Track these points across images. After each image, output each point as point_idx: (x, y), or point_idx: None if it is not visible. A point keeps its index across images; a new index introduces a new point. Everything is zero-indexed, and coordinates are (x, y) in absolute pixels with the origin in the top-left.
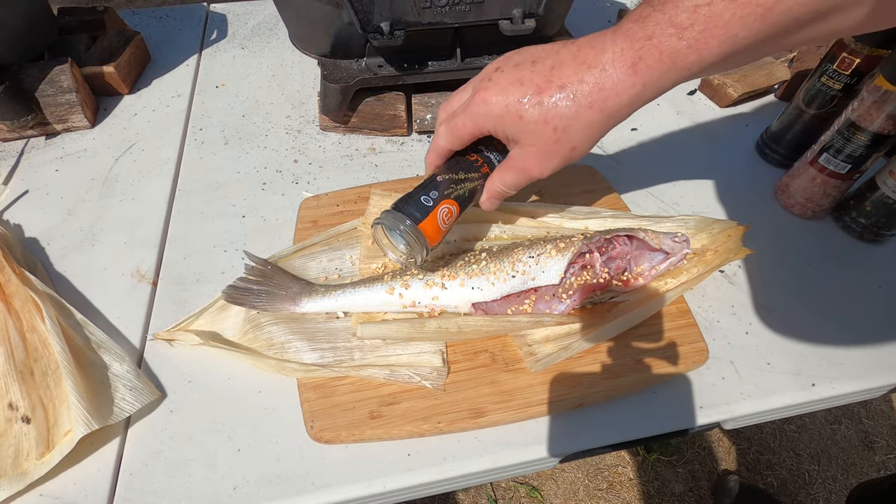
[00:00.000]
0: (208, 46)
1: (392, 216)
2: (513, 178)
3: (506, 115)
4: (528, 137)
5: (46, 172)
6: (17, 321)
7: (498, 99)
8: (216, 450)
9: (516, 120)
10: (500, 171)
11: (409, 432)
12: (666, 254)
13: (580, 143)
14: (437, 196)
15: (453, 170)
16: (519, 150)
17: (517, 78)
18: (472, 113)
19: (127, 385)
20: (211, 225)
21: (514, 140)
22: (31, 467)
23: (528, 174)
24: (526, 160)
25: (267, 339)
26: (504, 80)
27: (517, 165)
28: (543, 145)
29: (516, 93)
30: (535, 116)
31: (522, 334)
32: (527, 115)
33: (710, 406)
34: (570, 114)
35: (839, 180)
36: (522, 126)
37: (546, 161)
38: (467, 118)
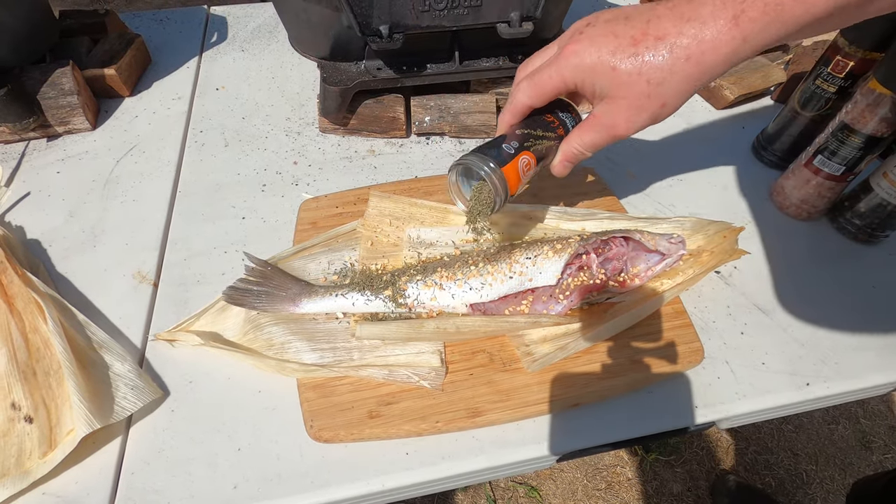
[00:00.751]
0: (208, 49)
1: (475, 157)
2: (594, 137)
3: (598, 66)
4: (619, 90)
5: (48, 174)
6: (20, 322)
7: (591, 50)
8: (217, 449)
9: (608, 71)
10: (579, 130)
11: (408, 431)
12: (662, 255)
13: (671, 99)
14: (517, 146)
15: (531, 126)
16: (606, 106)
17: (610, 30)
18: (560, 65)
19: (128, 384)
20: (211, 226)
21: (601, 95)
22: (34, 466)
23: (614, 131)
24: (614, 115)
25: (267, 340)
26: (596, 33)
27: (602, 122)
28: (634, 99)
29: (610, 44)
30: (629, 68)
31: (520, 334)
32: (620, 67)
33: (706, 406)
34: (665, 66)
35: (834, 182)
36: (615, 78)
37: (635, 116)
38: (554, 71)
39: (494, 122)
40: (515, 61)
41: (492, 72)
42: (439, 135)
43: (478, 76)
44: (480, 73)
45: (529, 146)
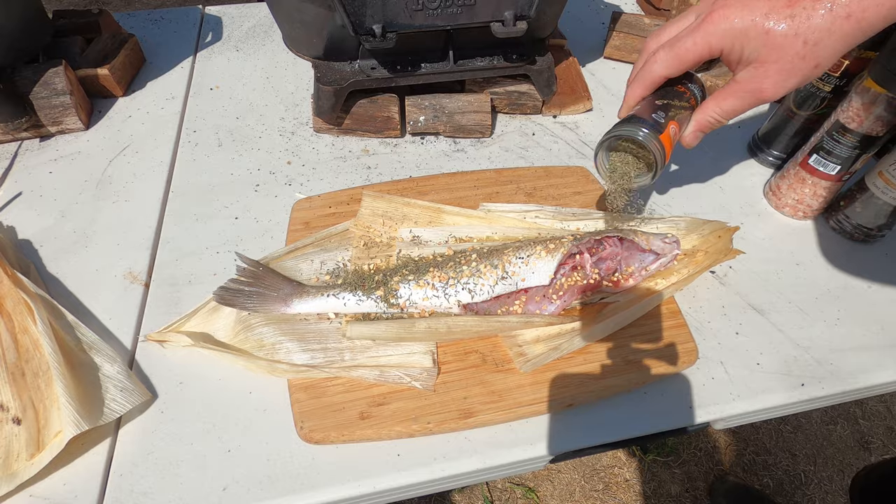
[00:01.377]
0: (203, 49)
1: (629, 126)
2: (734, 103)
3: (750, 29)
4: (770, 53)
5: (40, 174)
6: (9, 322)
7: (743, 13)
8: (207, 450)
9: (761, 34)
10: (717, 98)
11: (399, 433)
12: (656, 255)
13: (825, 59)
14: (664, 116)
15: (667, 97)
16: (753, 70)
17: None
18: (708, 31)
19: (118, 386)
20: (204, 227)
21: (749, 59)
22: (22, 468)
23: (760, 95)
24: (761, 79)
25: (258, 340)
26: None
27: (747, 87)
28: (787, 62)
29: (763, 6)
30: (785, 30)
31: (513, 335)
32: (775, 29)
33: (701, 406)
34: (824, 26)
35: (829, 181)
36: (768, 40)
37: (785, 79)
38: (700, 37)
39: (489, 121)
40: (510, 60)
41: (486, 71)
42: (434, 134)
43: (472, 75)
44: (475, 72)
45: (673, 115)
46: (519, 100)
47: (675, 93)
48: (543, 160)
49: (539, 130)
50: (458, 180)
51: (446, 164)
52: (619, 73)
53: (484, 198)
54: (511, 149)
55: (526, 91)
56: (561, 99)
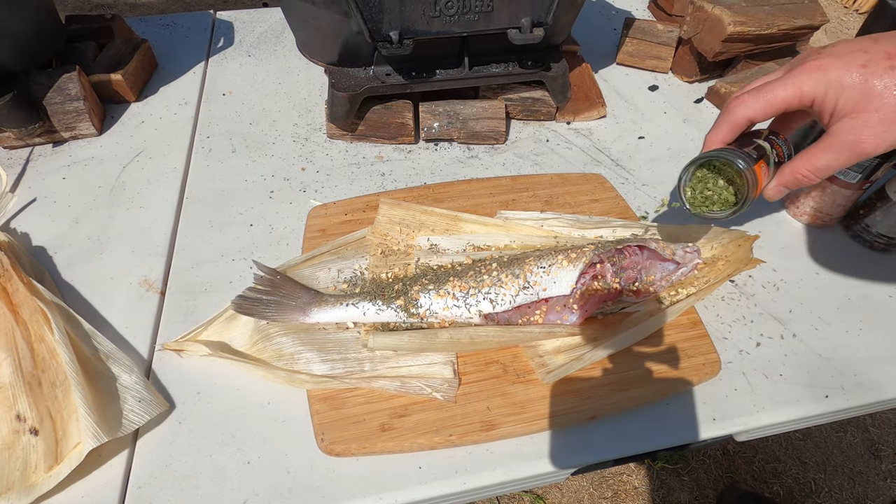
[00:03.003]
0: (215, 54)
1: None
2: (830, 159)
3: (845, 78)
4: (870, 103)
5: (54, 180)
6: (25, 331)
7: (837, 63)
8: (225, 462)
9: (858, 84)
10: (809, 153)
11: (421, 445)
12: (677, 264)
13: None
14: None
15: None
16: (850, 122)
17: (858, 47)
18: (799, 79)
19: (136, 397)
20: (219, 234)
21: (846, 110)
22: (40, 480)
23: (858, 148)
24: (860, 131)
25: (277, 350)
26: (841, 50)
27: (844, 140)
28: (889, 112)
29: (860, 59)
30: (885, 80)
31: (534, 345)
32: (873, 80)
33: (724, 418)
34: None
35: (849, 190)
36: (866, 90)
37: (887, 131)
38: (790, 84)
39: (503, 128)
40: (525, 67)
41: (501, 77)
42: (448, 141)
43: (487, 82)
44: (490, 78)
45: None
46: (533, 106)
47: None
48: (558, 167)
49: (553, 137)
50: (473, 187)
51: (460, 170)
52: (631, 78)
53: (500, 205)
54: (525, 155)
55: (540, 97)
56: (575, 105)
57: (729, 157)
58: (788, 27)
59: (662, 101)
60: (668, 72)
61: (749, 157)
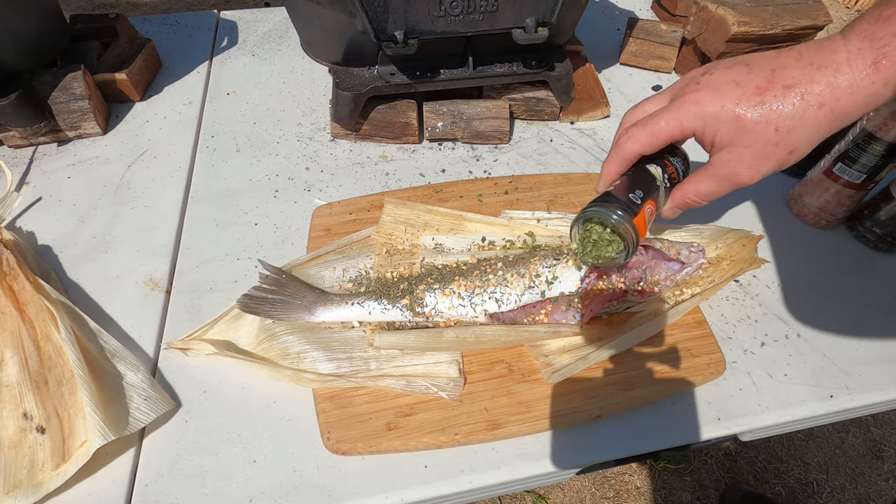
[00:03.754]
0: (219, 53)
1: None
2: (712, 187)
3: (720, 114)
4: (744, 138)
5: (59, 179)
6: (32, 330)
7: (713, 98)
8: (231, 461)
9: (732, 120)
10: (695, 180)
11: (427, 444)
12: (682, 263)
13: (800, 146)
14: (643, 195)
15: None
16: (727, 155)
17: (732, 79)
18: (679, 113)
19: (142, 395)
20: (224, 233)
21: (723, 144)
22: (47, 478)
23: (735, 179)
24: (736, 165)
25: (282, 349)
26: (716, 82)
27: (723, 172)
28: (761, 147)
29: (733, 93)
30: (756, 117)
31: (539, 345)
32: (746, 116)
33: (728, 418)
34: (796, 115)
35: (853, 190)
36: (739, 125)
37: (759, 165)
38: (672, 118)
39: (507, 127)
40: (529, 67)
41: (505, 77)
42: (452, 140)
43: (491, 82)
44: (494, 78)
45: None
46: (536, 106)
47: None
48: (562, 166)
49: (557, 137)
50: (477, 187)
51: (464, 170)
52: (635, 79)
53: (504, 205)
54: (529, 155)
55: (544, 97)
56: (578, 105)
57: (604, 216)
58: (792, 27)
59: None
60: (671, 72)
61: (631, 205)
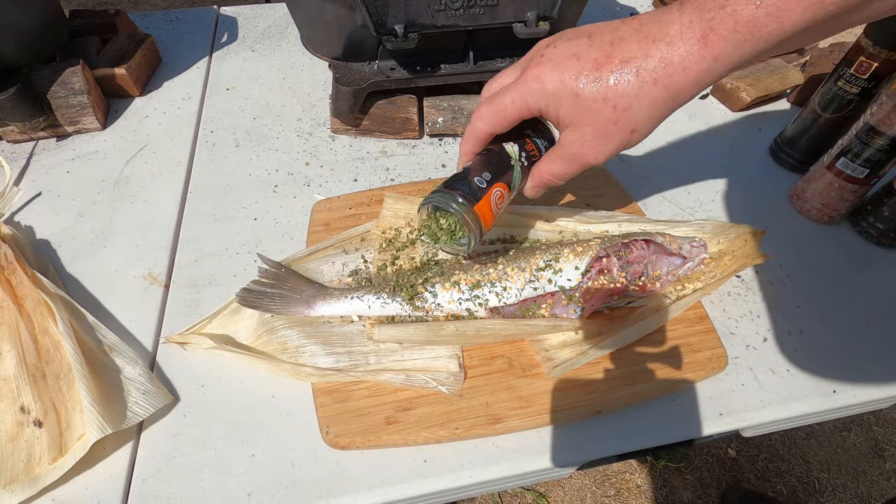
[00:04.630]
0: (218, 49)
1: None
2: (562, 167)
3: (561, 91)
4: (584, 117)
5: (57, 174)
6: (29, 323)
7: (552, 74)
8: (230, 455)
9: (572, 97)
10: (548, 159)
11: (426, 438)
12: (683, 258)
13: (641, 125)
14: (490, 178)
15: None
16: (572, 134)
17: (573, 52)
18: (522, 90)
19: (140, 389)
20: (223, 227)
21: (566, 122)
22: (44, 472)
23: (582, 160)
24: (581, 144)
25: (281, 343)
26: (558, 55)
27: (569, 152)
28: (601, 126)
29: (572, 68)
30: (594, 93)
31: (539, 339)
32: (584, 93)
33: (730, 413)
34: (632, 91)
35: (856, 185)
36: (579, 104)
37: (602, 144)
38: (517, 96)
39: None
40: None
41: None
42: (452, 136)
43: (492, 76)
44: (495, 73)
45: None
46: None
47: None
48: None
49: None
50: None
51: None
52: None
53: None
54: None
55: None
56: None
57: (443, 205)
58: None
59: None
60: None
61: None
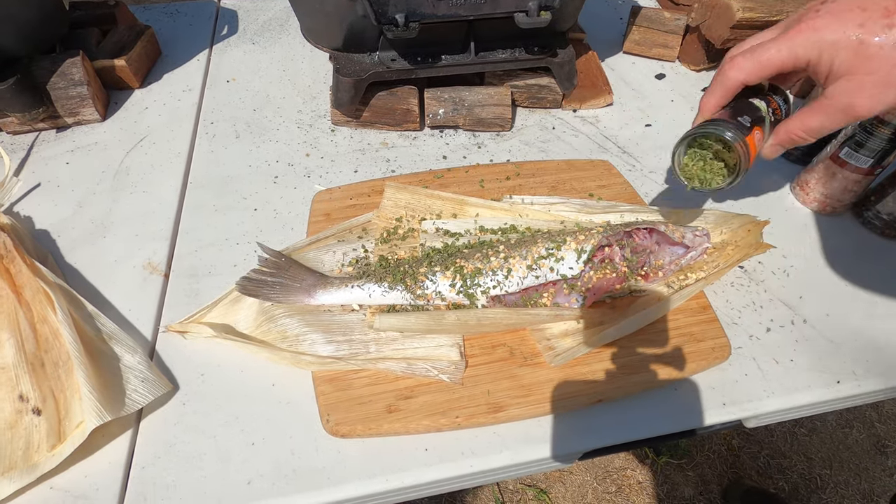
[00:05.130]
0: (219, 42)
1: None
2: (823, 121)
3: (842, 40)
4: (865, 66)
5: (57, 165)
6: (28, 312)
7: (834, 25)
8: (229, 443)
9: (854, 45)
10: (803, 114)
11: (427, 427)
12: (686, 247)
13: None
14: (750, 121)
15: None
16: (846, 84)
17: (857, 4)
18: (794, 41)
19: (139, 377)
20: (222, 218)
21: (841, 72)
22: (42, 459)
23: (853, 111)
24: (855, 94)
25: (281, 332)
26: (839, 8)
27: (838, 103)
28: (884, 75)
29: (857, 18)
30: (882, 41)
31: (541, 328)
32: (870, 41)
33: (733, 403)
34: None
35: (860, 175)
36: (861, 51)
37: (881, 94)
38: (784, 46)
39: (509, 115)
40: (532, 53)
41: (508, 63)
42: (453, 128)
43: (493, 68)
44: (496, 64)
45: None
46: (539, 93)
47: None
48: (564, 154)
49: (559, 124)
50: (480, 172)
51: (466, 157)
52: (638, 67)
53: (507, 190)
54: (531, 142)
55: (546, 84)
56: (581, 93)
57: (718, 132)
58: None
59: (670, 89)
60: (675, 60)
61: (741, 126)
